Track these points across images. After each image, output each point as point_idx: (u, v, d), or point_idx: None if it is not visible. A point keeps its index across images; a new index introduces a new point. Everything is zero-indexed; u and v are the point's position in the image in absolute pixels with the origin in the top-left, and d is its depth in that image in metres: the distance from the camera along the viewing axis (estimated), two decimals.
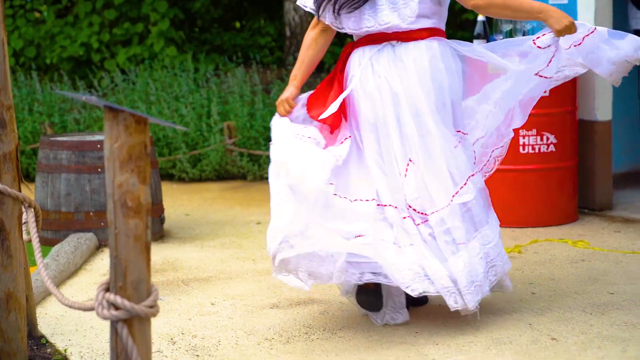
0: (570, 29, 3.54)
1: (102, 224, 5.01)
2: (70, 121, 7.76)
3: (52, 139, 5.22)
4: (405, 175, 3.53)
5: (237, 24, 10.55)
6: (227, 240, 5.24)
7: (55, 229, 5.02)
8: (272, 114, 7.48)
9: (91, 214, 5.01)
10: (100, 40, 9.33)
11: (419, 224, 3.50)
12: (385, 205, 3.53)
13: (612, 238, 4.94)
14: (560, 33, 3.55)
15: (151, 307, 2.29)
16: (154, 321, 3.45)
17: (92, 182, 5.02)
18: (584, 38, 3.61)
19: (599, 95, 5.54)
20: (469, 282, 3.43)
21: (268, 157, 7.17)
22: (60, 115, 7.88)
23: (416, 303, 3.81)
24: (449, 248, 3.48)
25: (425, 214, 3.49)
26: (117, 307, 2.24)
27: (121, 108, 2.24)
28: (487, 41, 5.44)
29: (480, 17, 5.50)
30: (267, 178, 7.12)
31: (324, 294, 4.07)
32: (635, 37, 3.66)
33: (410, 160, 3.52)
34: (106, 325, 3.61)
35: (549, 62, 3.67)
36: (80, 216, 5.01)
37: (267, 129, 7.46)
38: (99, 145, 5.05)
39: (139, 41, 9.36)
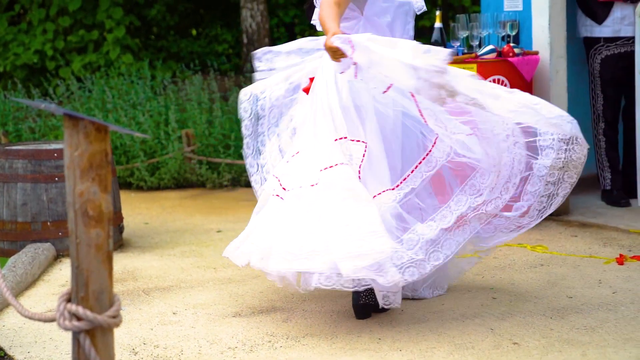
0: (329, 51, 3.47)
1: (60, 233, 4.94)
2: (25, 130, 7.65)
3: (7, 147, 5.13)
4: (288, 161, 3.75)
5: (194, 32, 10.50)
6: (187, 248, 5.20)
7: (11, 239, 4.94)
8: (230, 122, 7.50)
9: (48, 223, 4.93)
10: (54, 47, 9.23)
11: (276, 195, 3.66)
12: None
13: (570, 242, 5.00)
14: (333, 60, 3.50)
15: (114, 317, 2.26)
16: (115, 332, 3.41)
17: (49, 191, 4.94)
18: (352, 49, 3.45)
19: (554, 100, 5.60)
20: (283, 250, 3.47)
21: (227, 165, 7.15)
22: (14, 124, 7.77)
23: (378, 309, 3.82)
24: (288, 220, 3.55)
25: (285, 189, 3.64)
26: (79, 318, 2.21)
27: (81, 116, 2.21)
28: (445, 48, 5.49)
29: (437, 24, 5.54)
30: (226, 186, 7.13)
31: (287, 301, 4.06)
32: (410, 43, 3.43)
33: (298, 152, 3.71)
34: (66, 336, 3.56)
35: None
36: (37, 226, 4.93)
37: (226, 137, 7.43)
38: (55, 154, 4.98)
39: (94, 48, 9.28)
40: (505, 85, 5.32)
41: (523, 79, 5.38)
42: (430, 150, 3.68)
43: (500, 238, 3.85)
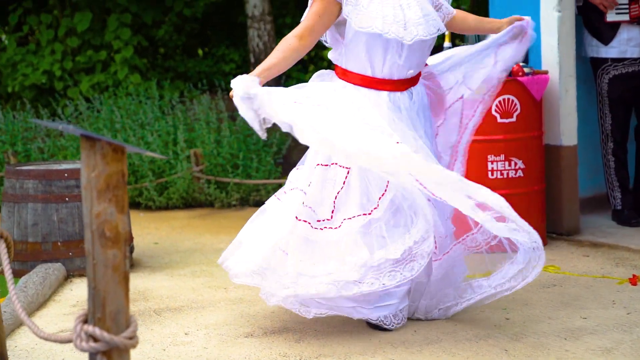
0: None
1: (71, 253, 4.94)
2: (34, 150, 7.66)
3: (18, 168, 5.14)
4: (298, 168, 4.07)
5: (200, 52, 10.53)
6: (197, 268, 5.18)
7: (22, 259, 4.93)
8: (238, 141, 7.50)
9: (59, 243, 4.93)
10: (63, 68, 9.25)
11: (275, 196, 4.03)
12: None
13: (582, 262, 4.97)
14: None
15: (130, 338, 2.25)
16: None
17: (60, 211, 4.94)
18: None
19: (564, 120, 5.61)
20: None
21: (235, 184, 7.15)
22: (23, 144, 7.78)
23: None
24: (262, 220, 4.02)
25: (285, 193, 3.98)
26: (96, 339, 2.20)
27: (98, 137, 2.21)
28: None
29: (447, 44, 5.55)
30: (234, 205, 7.12)
31: (299, 322, 4.03)
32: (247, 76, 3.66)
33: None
34: (79, 357, 3.54)
35: None
36: (48, 246, 4.93)
37: (234, 156, 7.44)
38: (66, 174, 4.99)
39: (102, 69, 9.30)
40: (515, 105, 5.32)
41: (533, 99, 5.38)
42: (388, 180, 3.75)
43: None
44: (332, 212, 3.76)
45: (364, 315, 3.82)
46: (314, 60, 10.00)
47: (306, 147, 3.92)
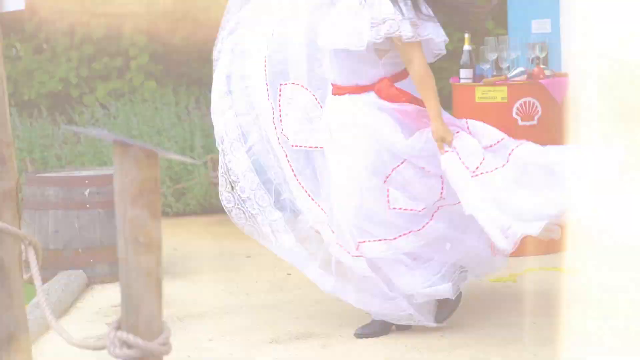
0: None
1: (92, 260, 4.93)
2: (51, 157, 7.68)
3: (39, 175, 5.14)
4: None
5: None
6: (218, 274, 5.17)
7: (43, 267, 4.90)
8: None
9: (80, 251, 4.92)
10: (78, 75, 9.28)
11: None
12: None
13: (605, 266, 4.93)
14: None
15: (164, 344, 2.25)
16: None
17: (81, 218, 4.94)
18: None
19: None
20: None
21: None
22: (41, 152, 7.80)
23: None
24: None
25: None
26: (129, 346, 2.19)
27: (132, 142, 2.20)
28: (474, 70, 5.46)
29: (466, 47, 5.52)
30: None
31: (323, 327, 4.02)
32: None
33: None
34: None
35: None
36: (69, 253, 4.92)
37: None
38: (87, 181, 4.99)
39: (118, 75, 9.32)
40: (536, 108, 5.29)
41: (554, 101, 5.35)
42: None
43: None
44: None
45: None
46: None
47: None
